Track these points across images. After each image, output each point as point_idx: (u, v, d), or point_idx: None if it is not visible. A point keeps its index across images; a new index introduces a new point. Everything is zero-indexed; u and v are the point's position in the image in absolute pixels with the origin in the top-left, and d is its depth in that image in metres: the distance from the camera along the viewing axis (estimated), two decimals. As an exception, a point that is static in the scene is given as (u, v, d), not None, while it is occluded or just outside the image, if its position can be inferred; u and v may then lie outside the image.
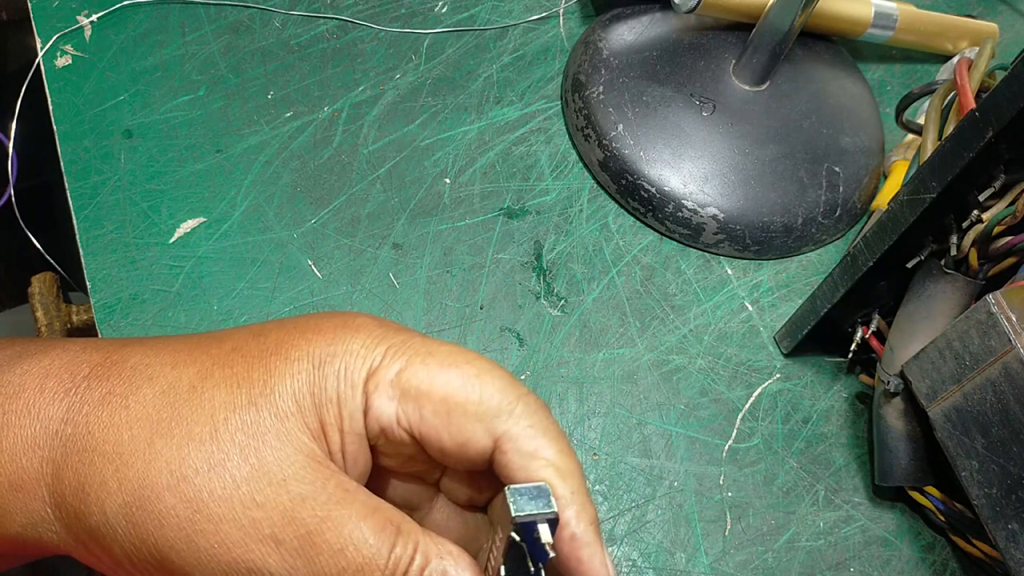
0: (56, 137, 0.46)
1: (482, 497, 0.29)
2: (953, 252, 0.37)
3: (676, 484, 0.41)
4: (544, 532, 0.24)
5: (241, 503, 0.24)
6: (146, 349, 0.28)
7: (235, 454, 0.24)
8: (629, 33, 0.52)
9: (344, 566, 0.24)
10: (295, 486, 0.24)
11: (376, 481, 0.28)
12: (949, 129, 0.39)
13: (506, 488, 0.24)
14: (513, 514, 0.24)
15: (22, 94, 0.47)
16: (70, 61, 0.48)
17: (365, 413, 0.26)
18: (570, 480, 0.26)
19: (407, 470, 0.29)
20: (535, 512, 0.24)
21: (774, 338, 0.46)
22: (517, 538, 0.24)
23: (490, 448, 0.26)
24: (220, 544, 0.24)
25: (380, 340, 0.27)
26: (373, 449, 0.27)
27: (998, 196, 0.36)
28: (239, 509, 0.24)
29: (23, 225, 0.52)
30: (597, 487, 0.41)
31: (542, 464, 0.26)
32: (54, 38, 0.48)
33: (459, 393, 0.26)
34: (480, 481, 0.29)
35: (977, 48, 0.51)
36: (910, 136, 0.52)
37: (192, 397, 0.26)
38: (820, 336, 0.43)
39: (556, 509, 0.24)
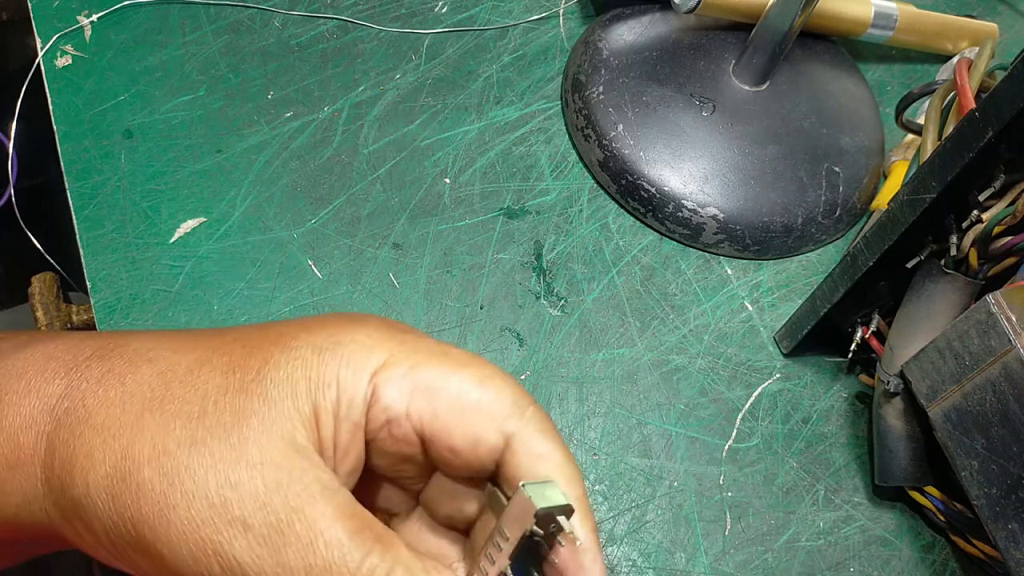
0: (56, 137, 0.46)
1: (462, 514, 0.29)
2: (953, 252, 0.37)
3: (676, 484, 0.41)
4: (564, 523, 0.25)
5: (215, 481, 0.24)
6: (149, 336, 0.28)
7: (219, 433, 0.24)
8: (629, 33, 0.52)
9: (311, 562, 0.23)
10: (271, 472, 0.24)
11: (360, 480, 0.28)
12: (949, 129, 0.39)
13: (521, 485, 0.25)
14: (538, 506, 0.24)
15: (22, 94, 0.47)
16: (70, 61, 0.48)
17: (372, 404, 0.26)
18: (574, 486, 0.26)
19: (395, 473, 0.28)
20: (553, 505, 0.24)
21: (774, 338, 0.46)
22: (540, 531, 0.24)
23: (500, 447, 0.26)
24: (190, 521, 0.24)
25: (389, 335, 0.27)
26: (367, 444, 0.27)
27: (998, 196, 0.36)
28: (212, 487, 0.24)
29: (23, 225, 0.52)
30: (597, 487, 0.41)
31: (551, 467, 0.26)
32: (54, 38, 0.48)
33: (474, 391, 0.26)
34: (464, 496, 0.29)
35: (977, 48, 0.51)
36: (910, 136, 0.52)
37: (188, 379, 0.26)
38: (820, 336, 0.43)
39: (568, 501, 0.25)
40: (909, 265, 0.39)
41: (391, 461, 0.28)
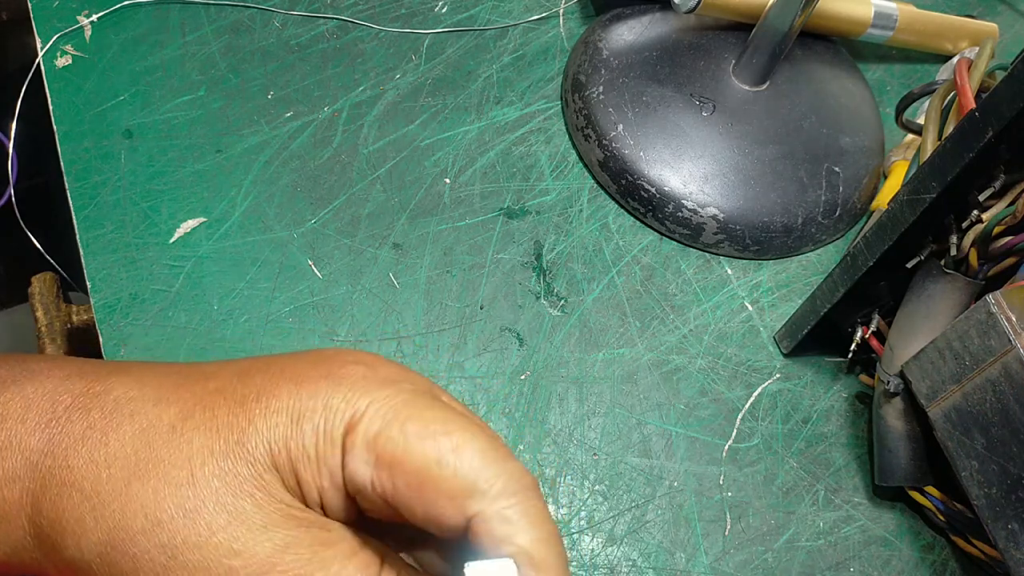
0: (56, 137, 0.46)
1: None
2: (953, 252, 0.37)
3: (676, 484, 0.41)
4: None
5: (217, 551, 0.24)
6: (130, 381, 0.27)
7: (211, 501, 0.24)
8: (629, 33, 0.52)
9: None
10: (276, 533, 0.24)
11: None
12: (949, 129, 0.39)
13: (465, 567, 0.23)
14: None
15: (22, 94, 0.47)
16: (70, 61, 0.48)
17: (343, 470, 0.25)
18: (543, 573, 0.24)
19: (388, 517, 0.28)
20: None
21: (774, 338, 0.46)
22: None
23: (462, 526, 0.25)
24: None
25: (363, 394, 0.26)
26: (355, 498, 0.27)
27: (998, 196, 0.36)
28: (214, 558, 0.24)
29: (23, 225, 0.52)
30: (597, 487, 0.41)
31: (513, 552, 0.24)
32: (54, 38, 0.48)
33: (433, 468, 0.25)
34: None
35: (977, 48, 0.51)
36: (910, 136, 0.52)
37: (171, 438, 0.25)
38: (820, 336, 0.43)
39: None
40: (909, 265, 0.39)
41: (378, 513, 0.27)
